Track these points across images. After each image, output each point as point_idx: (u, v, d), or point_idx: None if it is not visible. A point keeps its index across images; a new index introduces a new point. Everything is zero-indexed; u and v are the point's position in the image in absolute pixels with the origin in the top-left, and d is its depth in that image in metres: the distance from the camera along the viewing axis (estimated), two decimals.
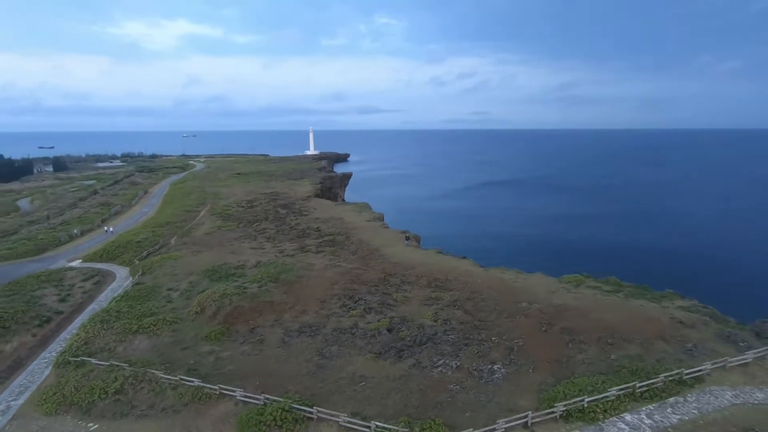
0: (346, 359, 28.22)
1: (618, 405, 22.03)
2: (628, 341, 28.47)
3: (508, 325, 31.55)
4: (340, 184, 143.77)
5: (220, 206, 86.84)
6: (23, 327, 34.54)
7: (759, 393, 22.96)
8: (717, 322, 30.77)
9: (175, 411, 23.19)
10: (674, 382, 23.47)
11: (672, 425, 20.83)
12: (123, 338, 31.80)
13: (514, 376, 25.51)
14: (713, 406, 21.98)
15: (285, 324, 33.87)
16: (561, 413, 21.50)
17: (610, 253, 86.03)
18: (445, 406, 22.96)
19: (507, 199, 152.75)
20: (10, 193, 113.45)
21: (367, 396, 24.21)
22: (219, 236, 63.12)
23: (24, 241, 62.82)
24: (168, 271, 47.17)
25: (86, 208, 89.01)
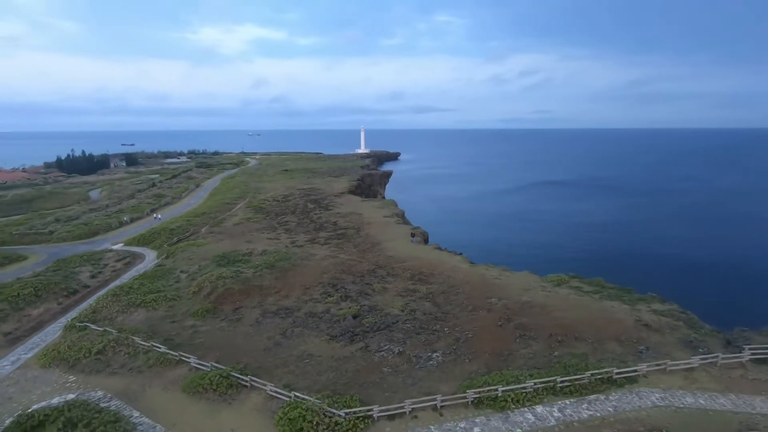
0: (303, 339, 30.45)
1: (533, 397, 22.35)
2: (579, 340, 28.21)
3: (467, 318, 32.20)
4: (380, 182, 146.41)
5: (258, 200, 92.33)
6: (52, 296, 40.25)
7: (689, 397, 22.20)
8: (688, 328, 29.44)
9: (139, 371, 26.65)
10: (601, 380, 23.27)
11: (580, 420, 20.92)
12: (125, 310, 36.27)
13: (448, 365, 26.39)
14: (633, 406, 21.66)
15: (265, 306, 36.76)
16: (472, 400, 22.25)
17: (655, 267, 78.16)
18: (370, 386, 24.47)
19: (552, 202, 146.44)
20: (86, 184, 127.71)
21: (305, 372, 26.29)
22: (245, 227, 67.77)
23: (81, 226, 71.40)
24: (187, 256, 51.93)
25: (142, 198, 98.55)
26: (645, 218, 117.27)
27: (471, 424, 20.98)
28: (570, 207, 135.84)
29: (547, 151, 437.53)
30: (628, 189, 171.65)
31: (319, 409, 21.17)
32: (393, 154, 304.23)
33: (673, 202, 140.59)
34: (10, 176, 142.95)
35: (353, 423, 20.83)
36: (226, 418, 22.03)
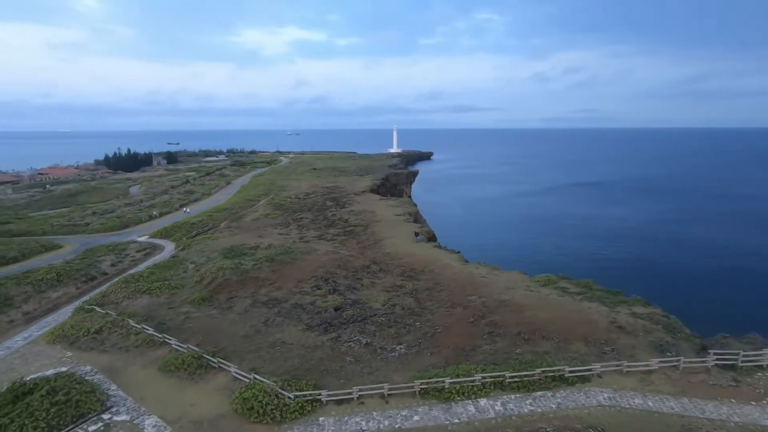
0: (281, 328, 32.07)
1: (479, 390, 22.82)
2: (546, 339, 28.23)
3: (442, 314, 32.80)
4: (405, 181, 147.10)
5: (281, 197, 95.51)
6: (72, 281, 44.04)
7: (639, 399, 21.97)
8: (666, 332, 28.74)
9: (127, 350, 29.11)
10: (552, 377, 23.39)
11: (520, 414, 21.25)
12: (131, 296, 39.28)
13: (409, 357, 27.20)
14: (577, 404, 21.73)
15: (257, 296, 38.72)
16: (419, 390, 23.02)
17: (678, 276, 72.82)
18: (329, 373, 25.70)
19: (582, 204, 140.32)
20: (128, 180, 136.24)
21: (274, 358, 27.85)
22: (261, 222, 70.67)
23: (114, 219, 76.71)
24: (200, 248, 55.02)
25: (174, 194, 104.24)
26: (677, 223, 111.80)
27: (412, 413, 21.77)
28: (599, 210, 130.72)
29: (589, 151, 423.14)
30: (669, 191, 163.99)
31: (271, 391, 22.62)
32: (426, 154, 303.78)
33: (714, 207, 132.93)
34: (64, 172, 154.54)
35: (301, 405, 22.13)
36: (190, 395, 23.90)
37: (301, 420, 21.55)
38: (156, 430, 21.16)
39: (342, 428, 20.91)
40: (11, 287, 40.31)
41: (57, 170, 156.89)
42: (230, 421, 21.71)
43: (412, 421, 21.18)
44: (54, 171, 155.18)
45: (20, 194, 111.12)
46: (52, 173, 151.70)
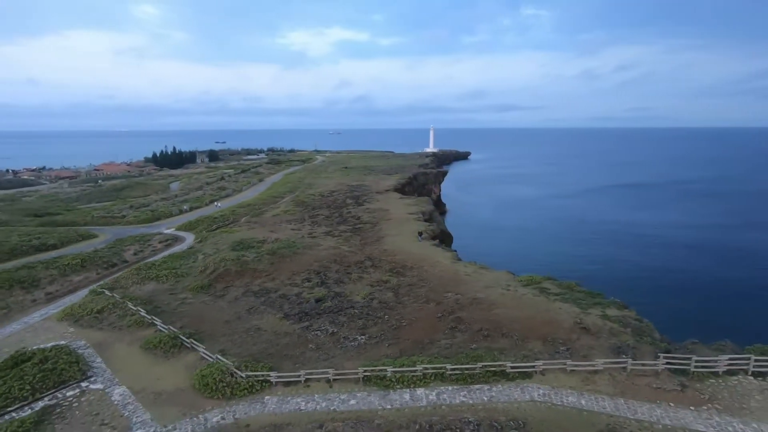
0: (261, 316, 34.19)
1: (418, 380, 23.74)
2: (506, 336, 28.58)
3: (414, 309, 33.73)
4: (434, 181, 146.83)
5: (305, 194, 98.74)
6: (94, 267, 48.45)
7: (573, 397, 22.08)
8: (634, 335, 28.20)
9: (119, 329, 32.18)
10: (493, 372, 23.91)
11: (450, 404, 21.99)
12: (140, 282, 42.86)
13: (368, 347, 28.42)
14: (509, 398, 22.16)
15: (250, 286, 41.15)
16: (363, 377, 24.24)
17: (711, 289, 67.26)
18: (289, 357, 27.42)
19: (626, 208, 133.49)
20: (170, 177, 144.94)
21: (244, 341, 29.94)
22: (279, 218, 73.70)
23: (148, 212, 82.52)
24: (215, 241, 58.51)
25: (207, 190, 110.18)
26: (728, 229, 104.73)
27: (351, 397, 23.05)
28: (641, 214, 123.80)
29: (640, 151, 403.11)
30: (724, 194, 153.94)
31: (227, 370, 24.61)
32: (463, 154, 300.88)
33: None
34: (116, 169, 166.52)
35: (251, 384, 23.98)
36: (160, 370, 26.36)
37: (248, 398, 23.38)
38: (122, 398, 23.69)
39: (282, 407, 22.53)
40: (40, 270, 45.05)
41: (110, 167, 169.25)
42: (187, 394, 23.89)
43: (348, 405, 22.46)
44: (108, 167, 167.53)
45: (74, 188, 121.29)
46: (106, 169, 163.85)
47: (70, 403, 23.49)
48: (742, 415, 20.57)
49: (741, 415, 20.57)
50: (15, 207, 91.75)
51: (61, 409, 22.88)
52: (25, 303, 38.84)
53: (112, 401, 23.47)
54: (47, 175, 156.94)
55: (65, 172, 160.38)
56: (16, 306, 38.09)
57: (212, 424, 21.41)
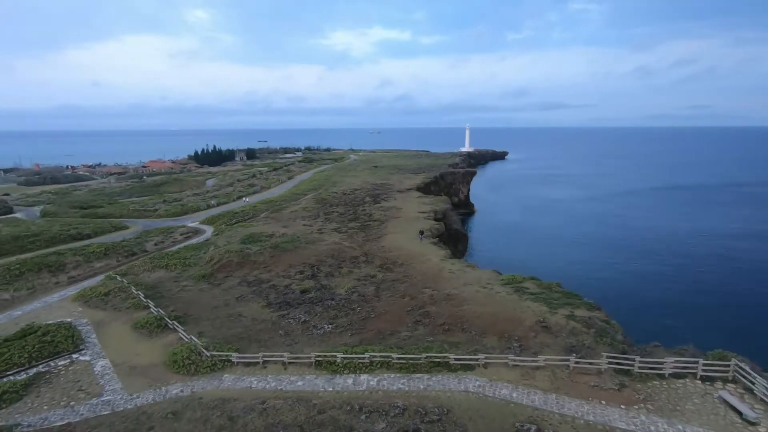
0: (246, 304, 36.61)
1: (365, 367, 25.05)
2: (465, 331, 29.37)
3: (388, 302, 35.03)
4: (462, 180, 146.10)
5: (328, 192, 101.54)
6: (115, 256, 52.93)
7: (506, 390, 22.64)
8: (596, 336, 28.14)
9: (118, 310, 35.54)
10: (437, 363, 24.86)
11: (386, 389, 23.20)
12: (150, 269, 46.62)
13: (332, 335, 30.04)
14: (444, 388, 22.98)
15: (247, 277, 43.82)
16: (314, 361, 25.90)
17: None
18: (258, 341, 29.51)
19: (673, 211, 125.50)
20: (208, 174, 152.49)
21: (223, 325, 32.35)
22: (296, 214, 76.69)
23: (178, 206, 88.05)
24: (230, 234, 62.01)
25: (238, 186, 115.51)
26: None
27: (299, 379, 24.77)
28: (683, 218, 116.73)
29: (698, 151, 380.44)
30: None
31: (195, 349, 27.00)
32: (499, 153, 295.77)
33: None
34: (161, 165, 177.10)
35: (213, 363, 26.23)
36: (142, 347, 29.19)
37: (209, 375, 25.62)
38: (102, 369, 26.62)
39: (236, 384, 24.60)
40: (68, 257, 49.89)
41: (156, 163, 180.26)
42: (157, 369, 26.48)
43: (295, 386, 24.19)
44: (153, 164, 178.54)
45: (120, 183, 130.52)
46: (152, 166, 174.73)
47: (59, 371, 26.69)
48: (672, 416, 20.52)
49: (671, 416, 20.53)
50: (65, 200, 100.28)
51: (50, 376, 26.08)
52: (49, 285, 43.36)
53: (94, 371, 26.44)
54: (100, 171, 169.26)
55: (115, 168, 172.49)
56: (41, 287, 42.63)
57: (171, 395, 23.78)
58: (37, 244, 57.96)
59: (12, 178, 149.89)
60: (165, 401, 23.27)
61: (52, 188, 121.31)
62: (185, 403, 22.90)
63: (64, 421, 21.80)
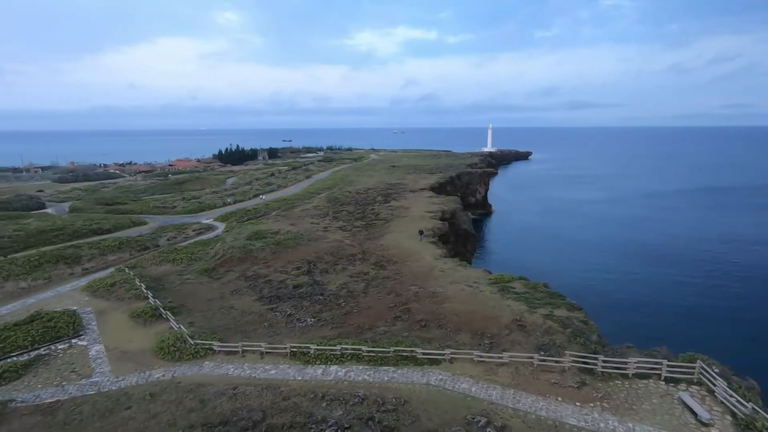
0: (239, 297, 38.22)
1: (335, 359, 26.10)
2: (440, 327, 30.04)
3: (373, 299, 35.97)
4: (479, 180, 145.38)
5: (342, 191, 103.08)
6: (128, 249, 55.76)
7: (466, 384, 23.21)
8: (571, 335, 28.33)
9: (120, 300, 37.75)
10: (405, 357, 25.65)
11: (352, 380, 24.12)
12: (158, 263, 48.99)
13: (312, 328, 31.21)
14: (408, 380, 23.76)
15: (246, 272, 45.54)
16: (290, 352, 27.11)
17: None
18: (241, 332, 30.97)
19: (691, 216, 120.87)
20: (230, 172, 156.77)
21: (214, 316, 34.01)
22: (306, 212, 78.43)
23: (196, 203, 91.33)
24: (238, 231, 64.15)
25: (256, 185, 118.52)
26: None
27: (273, 368, 26.03)
28: (711, 221, 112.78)
29: (736, 151, 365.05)
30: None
31: (181, 337, 28.66)
32: (523, 153, 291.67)
33: None
34: (186, 164, 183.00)
35: (196, 351, 27.81)
36: (135, 335, 31.11)
37: (192, 361, 27.19)
38: (96, 353, 28.60)
39: (214, 371, 26.06)
40: (85, 250, 52.92)
41: (182, 162, 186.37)
42: (146, 355, 28.26)
43: (268, 374, 25.46)
44: (179, 163, 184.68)
45: (146, 181, 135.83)
46: (178, 165, 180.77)
47: (58, 354, 28.83)
48: (626, 414, 20.71)
49: (624, 414, 20.73)
50: (92, 196, 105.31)
51: (49, 358, 28.23)
52: (64, 276, 46.23)
53: (88, 355, 28.45)
54: (130, 169, 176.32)
55: (144, 166, 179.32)
56: (57, 278, 45.51)
57: (153, 378, 25.44)
58: (60, 237, 61.49)
59: (48, 176, 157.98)
60: (146, 384, 24.94)
61: (82, 185, 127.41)
62: (164, 386, 24.50)
63: (54, 399, 23.70)
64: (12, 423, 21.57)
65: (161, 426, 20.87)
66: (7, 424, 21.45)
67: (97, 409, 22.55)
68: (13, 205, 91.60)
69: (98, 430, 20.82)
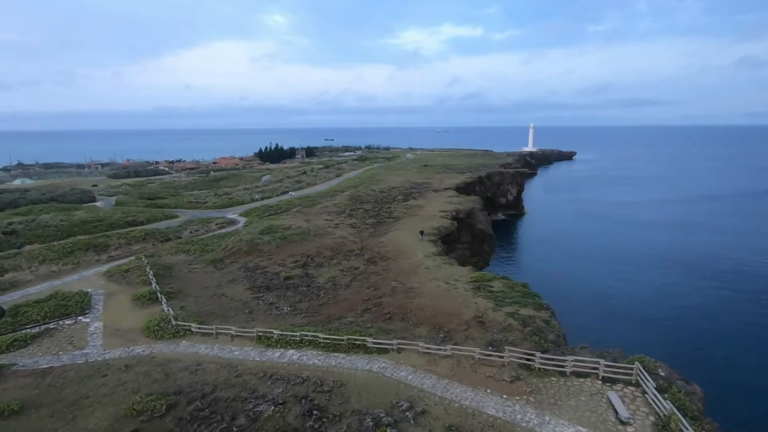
0: (234, 286, 41.15)
1: (294, 343, 28.08)
2: (404, 320, 31.37)
3: (353, 291, 37.79)
4: (511, 181, 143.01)
5: (365, 190, 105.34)
6: (152, 240, 60.64)
7: (403, 372, 24.44)
8: (532, 334, 28.76)
9: (130, 284, 41.71)
10: (355, 345, 27.23)
11: (300, 363, 26.00)
12: (173, 253, 53.16)
13: (286, 316, 33.42)
14: (350, 365, 25.30)
15: (248, 263, 48.60)
16: (256, 336, 29.40)
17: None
18: (222, 316, 33.70)
19: (748, 222, 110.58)
20: (267, 170, 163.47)
21: (205, 302, 37.03)
22: (325, 209, 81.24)
23: (226, 199, 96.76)
24: (255, 225, 67.76)
25: (286, 182, 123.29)
26: None
27: (237, 349, 28.41)
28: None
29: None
30: None
31: (166, 318, 31.73)
32: (566, 154, 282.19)
33: None
34: (228, 162, 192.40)
35: (176, 331, 30.75)
36: (131, 315, 34.61)
37: (171, 340, 30.15)
38: (94, 329, 32.25)
39: (187, 350, 28.82)
40: (114, 239, 58.27)
41: (225, 160, 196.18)
42: (135, 333, 31.56)
43: (232, 354, 27.87)
44: (223, 161, 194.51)
45: (188, 178, 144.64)
46: (221, 162, 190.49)
47: (63, 328, 32.75)
48: (548, 409, 21.25)
49: (546, 408, 21.27)
50: (137, 191, 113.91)
51: (55, 331, 32.16)
52: (91, 262, 51.31)
53: (87, 331, 32.14)
54: (177, 166, 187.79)
55: (190, 164, 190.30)
56: (84, 263, 50.59)
57: (134, 353, 28.55)
58: (99, 228, 67.77)
59: (105, 172, 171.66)
60: (127, 357, 28.06)
61: (131, 181, 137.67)
62: (140, 360, 27.51)
63: (48, 365, 27.28)
64: (8, 382, 25.20)
65: (126, 392, 23.70)
66: (4, 382, 25.10)
67: (79, 375, 25.80)
68: (68, 197, 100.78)
69: (74, 392, 23.95)
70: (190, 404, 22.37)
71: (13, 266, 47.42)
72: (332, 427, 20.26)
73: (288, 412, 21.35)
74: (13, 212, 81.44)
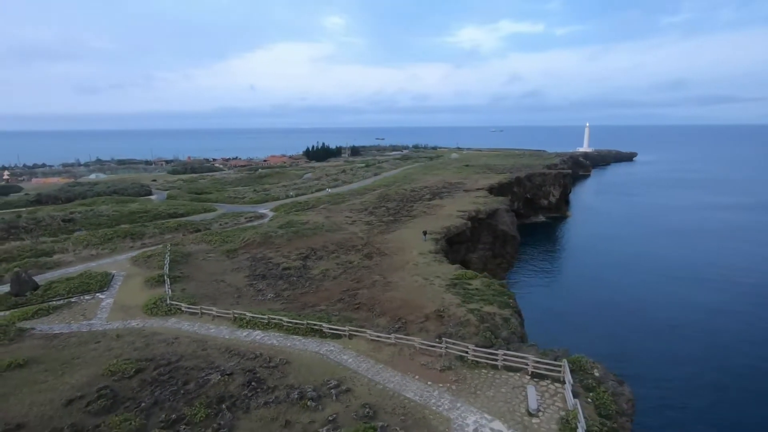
0: (235, 274, 44.87)
1: (262, 325, 30.91)
2: (369, 310, 33.28)
3: (336, 283, 40.18)
4: (553, 182, 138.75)
5: (398, 188, 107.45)
6: (183, 230, 66.47)
7: (346, 356, 26.37)
8: (482, 329, 29.71)
9: (149, 268, 46.68)
10: (313, 329, 29.55)
11: (261, 343, 28.69)
12: (197, 242, 58.23)
13: (267, 302, 36.36)
14: (303, 347, 27.66)
15: (257, 255, 52.39)
16: (232, 317, 32.56)
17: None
18: (212, 299, 37.28)
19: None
20: (310, 168, 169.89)
21: (203, 286, 40.91)
22: (350, 206, 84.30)
23: (262, 195, 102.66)
24: (279, 220, 72.25)
25: (324, 180, 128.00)
26: None
27: (214, 328, 31.71)
28: None
29: None
30: None
31: (164, 298, 35.81)
32: (625, 155, 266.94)
33: None
34: (276, 160, 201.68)
35: (169, 308, 34.66)
36: (139, 294, 39.15)
37: (163, 317, 34.10)
38: (106, 305, 37.01)
39: (173, 326, 32.55)
40: (150, 228, 64.66)
41: (275, 158, 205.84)
42: (136, 310, 35.89)
43: (207, 331, 31.19)
44: (272, 159, 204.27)
45: (237, 175, 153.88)
46: (270, 160, 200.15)
47: (82, 302, 37.85)
48: (464, 397, 22.35)
49: (462, 396, 22.39)
50: (188, 186, 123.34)
51: (74, 305, 37.29)
52: (125, 247, 57.54)
53: (100, 306, 36.94)
54: (231, 163, 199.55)
55: (242, 161, 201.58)
56: (120, 249, 56.86)
57: (130, 326, 32.72)
58: (144, 218, 75.11)
59: (167, 168, 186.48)
60: (122, 329, 32.24)
61: (186, 177, 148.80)
62: (132, 331, 31.55)
63: (59, 332, 32.03)
64: (24, 342, 30.04)
65: (110, 356, 27.56)
66: (21, 342, 29.96)
67: (79, 340, 30.19)
68: (128, 191, 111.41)
69: (70, 354, 28.22)
70: (156, 370, 25.73)
71: (61, 249, 54.46)
72: (263, 396, 22.70)
73: (232, 381, 24.07)
74: (80, 203, 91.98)
